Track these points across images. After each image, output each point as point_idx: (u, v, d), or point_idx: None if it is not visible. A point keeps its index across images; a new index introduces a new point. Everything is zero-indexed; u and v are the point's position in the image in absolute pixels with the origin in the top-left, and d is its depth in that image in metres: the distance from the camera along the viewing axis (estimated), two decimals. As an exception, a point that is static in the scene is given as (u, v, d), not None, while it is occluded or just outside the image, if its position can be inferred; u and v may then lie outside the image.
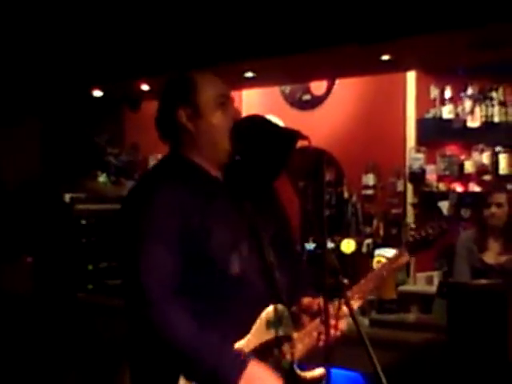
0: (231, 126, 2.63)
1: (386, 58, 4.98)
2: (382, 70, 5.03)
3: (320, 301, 2.64)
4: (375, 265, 4.33)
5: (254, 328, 2.63)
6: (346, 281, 3.53)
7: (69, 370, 5.20)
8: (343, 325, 2.62)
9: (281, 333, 2.66)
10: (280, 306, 2.65)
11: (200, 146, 2.68)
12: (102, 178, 6.02)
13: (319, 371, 2.66)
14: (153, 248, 2.58)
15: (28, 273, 5.65)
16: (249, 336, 2.64)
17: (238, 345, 2.61)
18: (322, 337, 2.64)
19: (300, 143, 2.59)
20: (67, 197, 5.43)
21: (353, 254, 4.53)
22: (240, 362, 2.54)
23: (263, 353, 2.65)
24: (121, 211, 2.72)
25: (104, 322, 5.07)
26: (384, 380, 2.36)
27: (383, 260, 4.06)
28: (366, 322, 4.29)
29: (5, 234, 6.00)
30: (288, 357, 2.64)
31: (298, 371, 2.65)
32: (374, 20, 4.58)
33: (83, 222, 5.42)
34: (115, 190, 5.94)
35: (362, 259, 4.64)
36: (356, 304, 2.70)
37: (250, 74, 5.30)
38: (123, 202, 2.74)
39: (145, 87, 5.77)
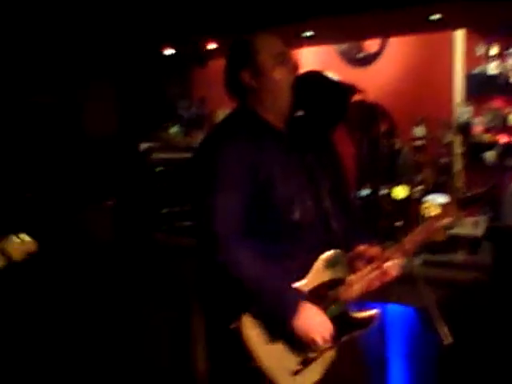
0: (292, 80, 2.75)
1: (435, 17, 4.65)
2: (432, 29, 4.88)
3: (374, 247, 2.78)
4: (423, 210, 4.32)
5: (313, 270, 2.74)
6: (398, 223, 3.49)
7: (147, 307, 5.24)
8: (396, 268, 2.74)
9: (337, 275, 2.76)
10: (337, 251, 2.76)
11: (264, 101, 2.78)
12: (174, 129, 5.99)
13: (371, 312, 2.81)
14: (223, 195, 2.66)
15: (109, 215, 5.70)
16: (308, 276, 2.72)
17: (298, 284, 2.70)
18: (376, 280, 2.75)
19: (355, 97, 2.75)
20: (143, 147, 5.49)
21: (404, 200, 4.49)
22: (297, 302, 2.63)
23: (320, 293, 2.75)
24: (194, 161, 2.88)
25: (176, 261, 5.06)
26: (437, 312, 2.46)
27: (431, 206, 4.25)
28: (417, 261, 4.08)
29: (88, 182, 6.01)
30: (342, 298, 2.75)
31: (351, 312, 2.77)
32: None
33: (158, 169, 5.44)
34: (185, 139, 5.93)
35: (412, 205, 4.58)
36: (405, 254, 2.75)
37: (308, 33, 5.19)
38: (196, 152, 2.92)
39: (211, 46, 5.68)
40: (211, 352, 3.05)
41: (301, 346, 2.75)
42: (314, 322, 2.70)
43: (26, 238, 2.95)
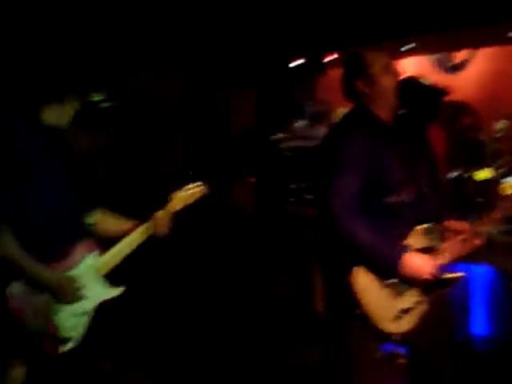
0: (396, 85, 2.97)
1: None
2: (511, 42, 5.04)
3: (462, 221, 2.97)
4: (501, 190, 4.37)
5: (411, 238, 2.94)
6: (480, 200, 3.78)
7: (279, 263, 5.43)
8: (480, 239, 2.92)
9: (431, 243, 2.95)
10: (431, 224, 2.95)
11: (376, 102, 2.99)
12: (300, 123, 6.01)
13: (457, 274, 2.94)
14: (344, 178, 2.87)
15: (251, 190, 5.86)
16: (408, 241, 2.92)
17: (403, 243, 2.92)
18: (463, 249, 2.93)
19: (446, 97, 3.02)
20: (276, 137, 5.65)
21: (485, 181, 4.51)
22: (402, 252, 2.84)
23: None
24: (322, 148, 3.15)
25: (301, 227, 5.16)
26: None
27: (507, 186, 4.35)
28: (497, 231, 4.09)
29: (235, 164, 6.21)
30: (434, 262, 2.88)
31: (441, 273, 2.90)
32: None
33: (288, 154, 5.58)
34: (309, 131, 5.92)
35: (492, 186, 4.55)
36: (488, 226, 2.93)
37: (410, 46, 5.33)
38: (324, 142, 3.19)
39: (329, 58, 5.91)
40: (328, 299, 3.25)
41: (404, 296, 2.93)
42: (419, 263, 2.86)
43: (196, 186, 3.09)
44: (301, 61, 6.16)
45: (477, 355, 4.16)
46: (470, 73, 5.53)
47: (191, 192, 3.06)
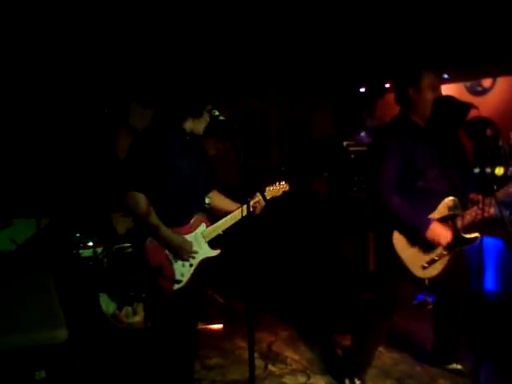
0: (434, 100, 2.98)
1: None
2: None
3: (479, 196, 2.99)
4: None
5: (440, 207, 3.01)
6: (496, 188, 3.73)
7: (342, 233, 5.30)
8: (492, 210, 2.95)
9: (455, 212, 3.02)
10: (455, 198, 3.04)
11: (417, 109, 3.02)
12: (363, 134, 5.72)
13: (475, 234, 3.02)
14: (386, 163, 2.95)
15: (325, 181, 5.66)
16: (437, 210, 3.00)
17: (431, 215, 3.00)
18: (479, 215, 2.95)
19: (473, 114, 2.99)
20: (345, 143, 5.47)
21: (502, 175, 4.38)
22: (428, 222, 2.93)
23: (444, 222, 3.03)
24: (372, 145, 3.22)
25: (361, 207, 5.03)
26: None
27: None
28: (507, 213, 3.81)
29: (313, 162, 6.08)
30: (458, 224, 3.00)
31: (463, 233, 3.02)
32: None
33: (352, 156, 5.41)
34: (368, 139, 5.63)
35: (507, 179, 4.20)
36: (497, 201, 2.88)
37: (445, 76, 5.04)
38: (373, 138, 3.29)
39: (387, 85, 5.77)
40: (378, 257, 3.31)
41: (429, 251, 2.99)
42: (439, 232, 2.94)
43: (282, 184, 3.13)
44: (365, 88, 6.09)
45: (487, 304, 3.96)
46: (493, 96, 5.31)
47: (278, 188, 3.13)
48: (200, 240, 2.84)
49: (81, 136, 4.69)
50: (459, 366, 3.41)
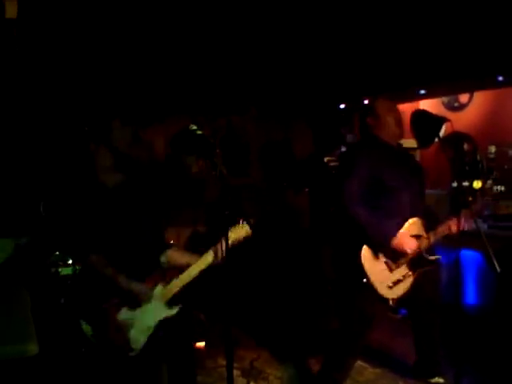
0: (396, 123, 3.05)
1: (500, 79, 4.57)
2: (500, 86, 4.88)
3: (452, 221, 2.97)
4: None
5: (405, 227, 3.02)
6: (470, 199, 3.38)
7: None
8: (468, 225, 2.95)
9: (418, 232, 3.03)
10: (419, 219, 3.05)
11: (381, 130, 3.12)
12: (343, 150, 5.73)
13: (436, 256, 3.02)
14: (352, 177, 2.98)
15: (305, 197, 5.62)
16: (402, 230, 3.00)
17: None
18: (442, 235, 2.98)
19: (450, 129, 2.86)
20: (326, 159, 5.52)
21: (479, 188, 4.44)
22: (395, 230, 2.95)
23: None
24: (341, 159, 3.37)
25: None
26: (493, 257, 2.52)
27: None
28: (485, 226, 4.15)
29: (294, 179, 6.03)
30: (421, 245, 2.98)
31: (425, 255, 3.03)
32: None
33: (333, 171, 5.29)
34: None
35: (484, 192, 4.27)
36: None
37: (422, 91, 5.25)
38: (342, 154, 3.41)
39: (365, 101, 5.14)
40: (336, 271, 3.17)
41: (394, 271, 2.98)
42: (405, 240, 2.97)
43: (244, 225, 2.68)
44: (344, 105, 6.12)
45: (467, 317, 4.17)
46: (470, 111, 5.45)
47: (240, 233, 2.72)
48: (158, 300, 2.74)
49: (60, 154, 4.69)
50: (441, 380, 3.40)
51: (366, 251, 2.96)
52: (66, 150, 4.59)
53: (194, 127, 2.55)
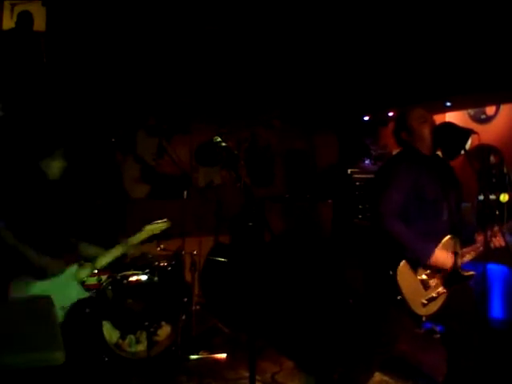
0: (431, 131, 2.97)
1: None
2: None
3: (480, 235, 2.93)
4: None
5: (442, 244, 2.95)
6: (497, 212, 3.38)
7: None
8: (499, 243, 2.90)
9: (454, 249, 2.97)
10: (456, 236, 2.96)
11: (417, 142, 3.03)
12: (367, 161, 5.94)
13: (470, 272, 2.94)
14: (391, 190, 2.87)
15: (331, 208, 5.59)
16: (439, 246, 2.93)
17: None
18: (476, 253, 2.95)
19: (477, 142, 2.87)
20: (349, 171, 5.54)
21: (506, 202, 4.37)
22: (433, 248, 2.87)
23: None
24: (378, 172, 3.17)
25: (362, 233, 5.01)
26: None
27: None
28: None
29: (318, 190, 6.11)
30: (457, 262, 2.92)
31: (461, 270, 2.94)
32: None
33: (357, 183, 5.50)
34: (374, 167, 5.85)
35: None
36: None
37: (448, 104, 5.25)
38: (380, 167, 3.20)
39: (390, 113, 5.74)
40: (368, 286, 3.06)
41: (429, 289, 2.93)
42: (443, 257, 2.90)
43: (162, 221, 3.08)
44: (369, 116, 6.12)
45: (493, 331, 4.08)
46: (497, 123, 5.35)
47: (158, 226, 3.17)
48: (70, 278, 2.91)
49: (88, 164, 4.74)
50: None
51: (404, 267, 2.87)
52: (94, 160, 4.62)
53: (219, 139, 2.58)
